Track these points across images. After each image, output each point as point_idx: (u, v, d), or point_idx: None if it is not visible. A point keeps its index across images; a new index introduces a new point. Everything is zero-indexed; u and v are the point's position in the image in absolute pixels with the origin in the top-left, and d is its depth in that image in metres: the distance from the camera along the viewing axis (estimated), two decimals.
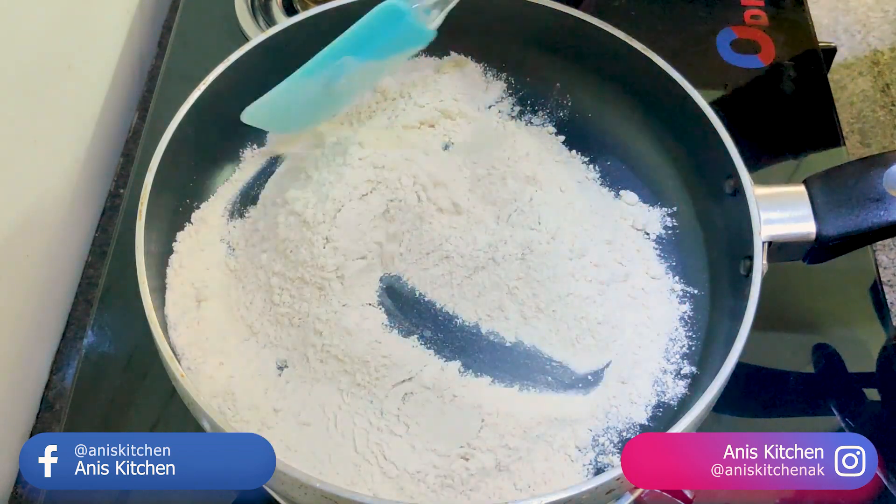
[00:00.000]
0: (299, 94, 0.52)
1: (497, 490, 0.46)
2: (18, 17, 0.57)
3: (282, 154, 0.60)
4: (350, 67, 0.51)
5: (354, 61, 0.51)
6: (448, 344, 0.51)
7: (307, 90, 0.52)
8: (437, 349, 0.51)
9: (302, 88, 0.52)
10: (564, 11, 0.58)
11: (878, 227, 0.48)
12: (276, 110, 0.54)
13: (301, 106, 0.54)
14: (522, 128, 0.61)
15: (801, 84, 0.72)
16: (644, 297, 0.54)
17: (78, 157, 0.66)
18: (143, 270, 0.47)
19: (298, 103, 0.54)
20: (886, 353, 0.58)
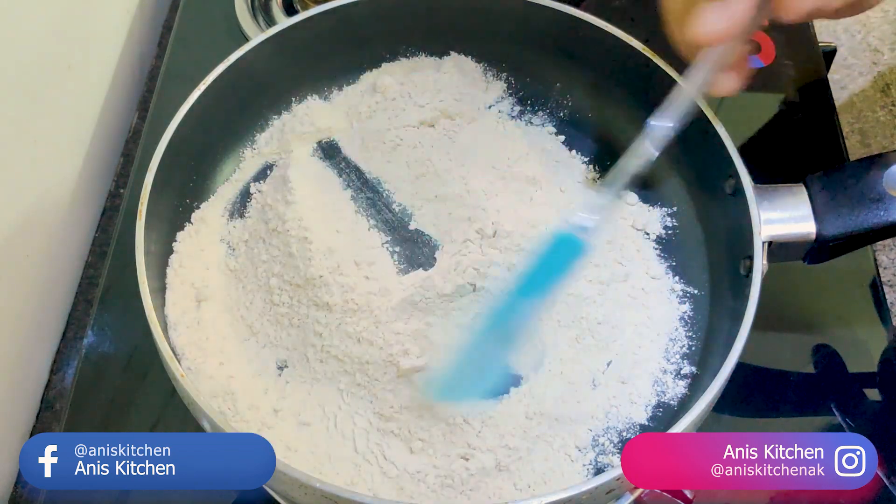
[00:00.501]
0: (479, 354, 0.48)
1: (497, 490, 0.46)
2: (18, 17, 0.57)
3: (280, 157, 0.59)
4: (526, 308, 0.47)
5: (531, 301, 0.47)
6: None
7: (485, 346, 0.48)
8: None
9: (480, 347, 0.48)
10: (564, 11, 0.58)
11: (878, 227, 0.47)
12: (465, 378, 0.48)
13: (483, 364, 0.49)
14: (522, 128, 0.61)
15: (801, 84, 0.72)
16: (644, 297, 0.54)
17: (78, 157, 0.66)
18: (143, 270, 0.47)
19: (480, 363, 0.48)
20: (888, 353, 0.58)
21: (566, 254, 0.47)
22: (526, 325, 0.48)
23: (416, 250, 0.55)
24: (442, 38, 0.62)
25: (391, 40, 0.62)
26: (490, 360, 0.48)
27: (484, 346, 0.47)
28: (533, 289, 0.47)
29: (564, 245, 0.47)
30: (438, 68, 0.62)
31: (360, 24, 0.60)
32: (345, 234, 0.54)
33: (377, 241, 0.55)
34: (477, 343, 0.47)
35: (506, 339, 0.48)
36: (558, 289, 0.48)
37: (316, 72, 0.61)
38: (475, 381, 0.48)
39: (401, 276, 0.53)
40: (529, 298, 0.47)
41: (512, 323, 0.47)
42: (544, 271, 0.47)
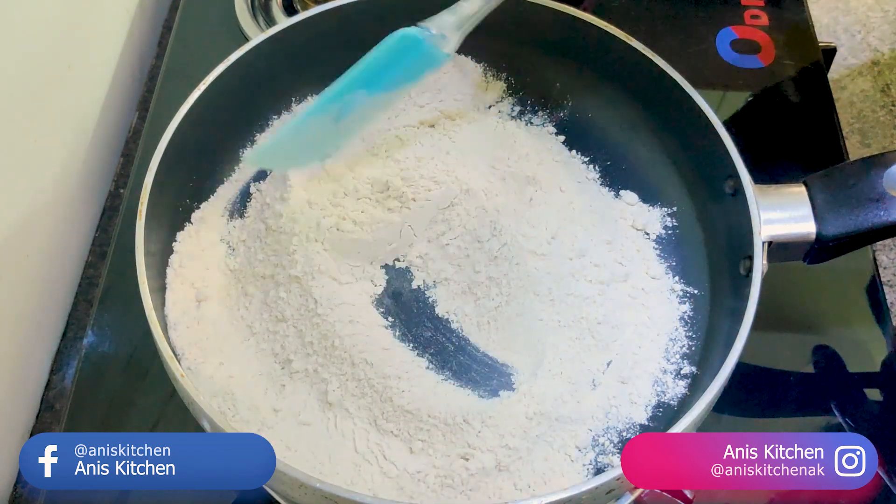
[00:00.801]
0: (307, 133, 0.51)
1: (497, 490, 0.46)
2: (18, 17, 0.57)
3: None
4: (361, 102, 0.49)
5: (365, 95, 0.49)
6: (447, 343, 0.51)
7: (315, 127, 0.50)
8: (436, 350, 0.51)
9: (310, 126, 0.50)
10: (564, 11, 0.58)
11: (877, 227, 0.47)
12: (281, 149, 0.52)
13: (307, 143, 0.52)
14: (522, 128, 0.61)
15: (801, 84, 0.72)
16: (644, 297, 0.54)
17: (78, 157, 0.66)
18: (143, 270, 0.47)
19: (305, 141, 0.51)
20: (890, 354, 0.58)
21: (408, 52, 0.48)
22: (359, 120, 0.50)
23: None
24: None
25: None
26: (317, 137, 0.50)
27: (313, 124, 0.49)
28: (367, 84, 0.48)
29: (405, 43, 0.48)
30: (438, 68, 0.62)
31: (360, 24, 0.60)
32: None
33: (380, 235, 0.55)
34: (307, 119, 0.49)
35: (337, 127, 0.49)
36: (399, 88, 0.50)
37: (316, 72, 0.61)
38: (300, 151, 0.51)
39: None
40: (368, 92, 0.48)
41: (345, 112, 0.49)
42: (386, 67, 0.48)
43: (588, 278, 0.53)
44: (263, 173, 0.59)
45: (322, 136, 0.51)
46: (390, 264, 0.54)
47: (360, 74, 0.49)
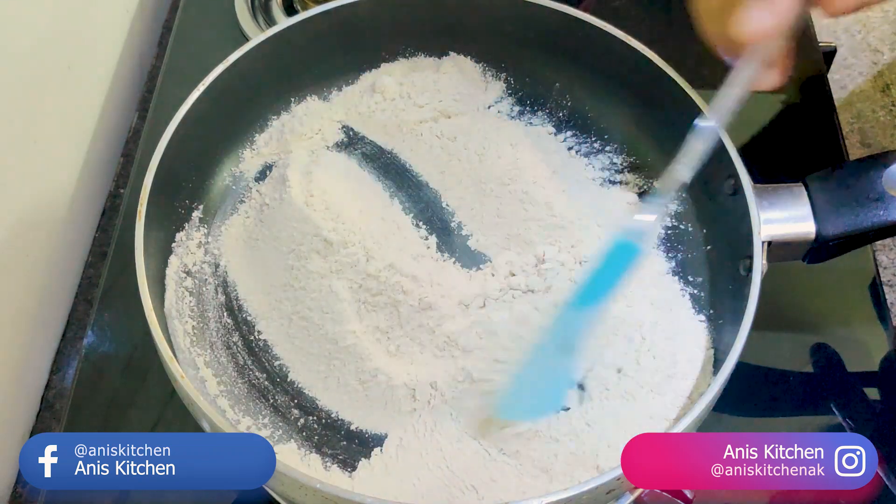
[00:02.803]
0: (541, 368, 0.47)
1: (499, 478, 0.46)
2: (18, 18, 0.57)
3: (279, 157, 0.59)
4: (586, 317, 0.47)
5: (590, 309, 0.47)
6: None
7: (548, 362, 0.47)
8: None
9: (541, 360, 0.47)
10: (564, 11, 0.57)
11: (877, 227, 0.47)
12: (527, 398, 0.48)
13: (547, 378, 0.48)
14: (522, 128, 0.61)
15: (802, 84, 0.72)
16: (643, 296, 0.54)
17: (78, 157, 0.66)
18: (142, 270, 0.47)
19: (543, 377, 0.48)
20: (890, 354, 0.58)
21: (622, 260, 0.46)
22: (585, 334, 0.47)
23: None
24: (441, 38, 0.62)
25: (390, 40, 0.62)
26: (553, 373, 0.48)
27: (546, 359, 0.47)
28: (591, 297, 0.46)
29: (622, 252, 0.46)
30: (438, 68, 0.62)
31: (359, 24, 0.60)
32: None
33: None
34: (540, 357, 0.47)
35: (567, 350, 0.47)
36: (612, 295, 0.47)
37: (315, 72, 0.61)
38: (541, 396, 0.48)
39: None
40: (588, 307, 0.46)
41: (572, 333, 0.47)
42: (602, 279, 0.47)
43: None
44: (263, 173, 0.59)
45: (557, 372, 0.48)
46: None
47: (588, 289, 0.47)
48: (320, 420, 0.49)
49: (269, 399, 0.50)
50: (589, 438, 0.47)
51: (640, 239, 0.46)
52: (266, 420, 0.49)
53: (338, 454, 0.48)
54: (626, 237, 0.46)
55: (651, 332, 0.52)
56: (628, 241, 0.46)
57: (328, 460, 0.48)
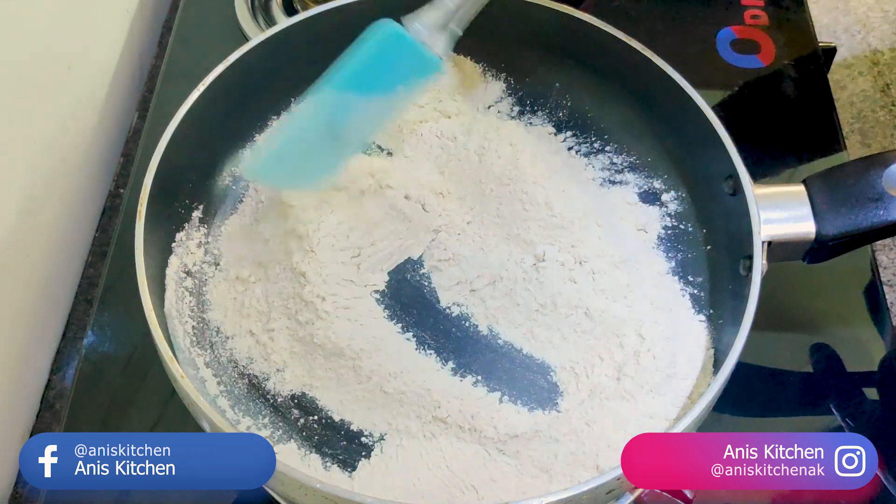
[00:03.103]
0: (303, 142, 0.48)
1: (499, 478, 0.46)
2: (19, 17, 0.57)
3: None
4: (354, 106, 0.46)
5: (357, 98, 0.46)
6: (453, 349, 0.52)
7: (311, 136, 0.47)
8: (443, 354, 0.52)
9: (304, 134, 0.47)
10: (564, 11, 0.57)
11: (877, 227, 0.48)
12: (283, 163, 0.49)
13: (308, 156, 0.49)
14: (522, 128, 0.61)
15: (801, 84, 0.72)
16: (643, 295, 0.54)
17: (78, 157, 0.66)
18: (142, 270, 0.47)
19: (304, 153, 0.48)
20: (889, 354, 0.58)
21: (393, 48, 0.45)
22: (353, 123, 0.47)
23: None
24: None
25: None
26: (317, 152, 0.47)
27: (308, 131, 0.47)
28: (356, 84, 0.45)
29: (392, 41, 0.45)
30: None
31: (359, 24, 0.59)
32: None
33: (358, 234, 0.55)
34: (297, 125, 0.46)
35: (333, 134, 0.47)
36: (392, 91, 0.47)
37: (316, 72, 0.61)
38: (299, 168, 0.48)
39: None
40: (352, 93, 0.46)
41: (337, 115, 0.46)
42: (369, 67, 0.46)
43: (588, 278, 0.53)
44: None
45: (322, 149, 0.48)
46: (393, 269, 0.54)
47: (345, 72, 0.46)
48: (320, 420, 0.49)
49: (269, 399, 0.50)
50: (589, 438, 0.47)
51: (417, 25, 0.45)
52: (266, 420, 0.49)
53: (338, 454, 0.48)
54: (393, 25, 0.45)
55: (651, 332, 0.52)
56: (393, 27, 0.45)
57: (328, 460, 0.48)
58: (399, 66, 0.47)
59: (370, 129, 0.51)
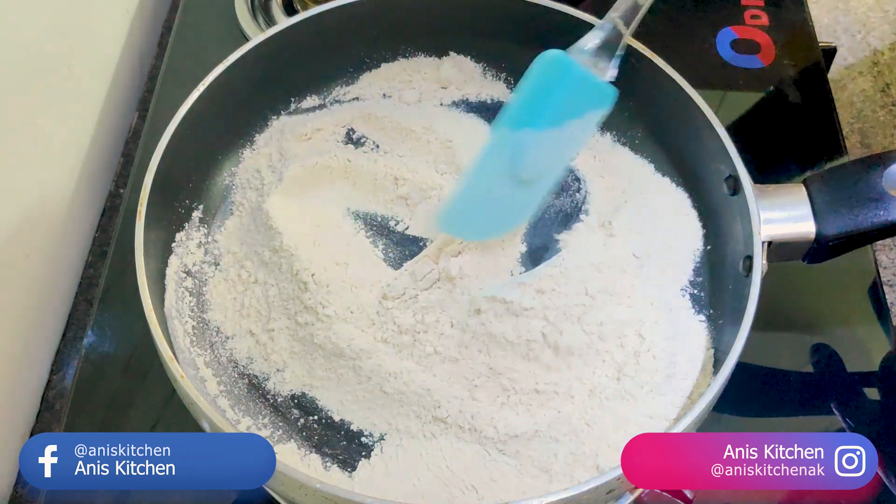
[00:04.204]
0: (489, 188, 0.46)
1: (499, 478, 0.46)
2: (18, 18, 0.57)
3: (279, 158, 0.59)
4: (531, 143, 0.45)
5: (533, 134, 0.45)
6: None
7: (495, 181, 0.46)
8: None
9: (489, 180, 0.45)
10: (564, 11, 0.57)
11: (877, 227, 0.48)
12: (473, 213, 0.47)
13: (497, 202, 0.47)
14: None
15: (801, 84, 0.72)
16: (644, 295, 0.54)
17: (78, 157, 0.66)
18: (142, 270, 0.47)
19: (492, 199, 0.47)
20: (890, 354, 0.58)
21: (560, 79, 0.44)
22: (534, 162, 0.45)
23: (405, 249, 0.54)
24: (441, 38, 0.62)
25: (390, 41, 0.62)
26: (501, 199, 0.46)
27: (493, 182, 0.45)
28: (526, 118, 0.44)
29: (555, 67, 0.44)
30: (438, 68, 0.62)
31: (359, 24, 0.60)
32: (326, 231, 0.54)
33: (362, 240, 0.55)
34: (482, 172, 0.45)
35: (516, 179, 0.45)
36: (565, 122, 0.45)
37: (315, 72, 0.61)
38: (485, 219, 0.46)
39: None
40: (525, 129, 0.44)
41: (517, 158, 0.45)
42: (540, 99, 0.44)
43: (589, 278, 0.53)
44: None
45: (510, 197, 0.46)
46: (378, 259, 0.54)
47: (516, 107, 0.45)
48: (320, 420, 0.49)
49: (269, 399, 0.50)
50: (589, 438, 0.47)
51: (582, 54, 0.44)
52: (266, 420, 0.49)
53: (338, 454, 0.48)
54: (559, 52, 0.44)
55: (651, 332, 0.52)
56: (559, 54, 0.44)
57: (328, 460, 0.48)
58: (572, 97, 0.46)
59: (553, 169, 0.48)
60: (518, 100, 0.45)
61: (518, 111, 0.45)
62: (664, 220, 0.56)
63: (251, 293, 0.53)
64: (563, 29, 0.58)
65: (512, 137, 0.45)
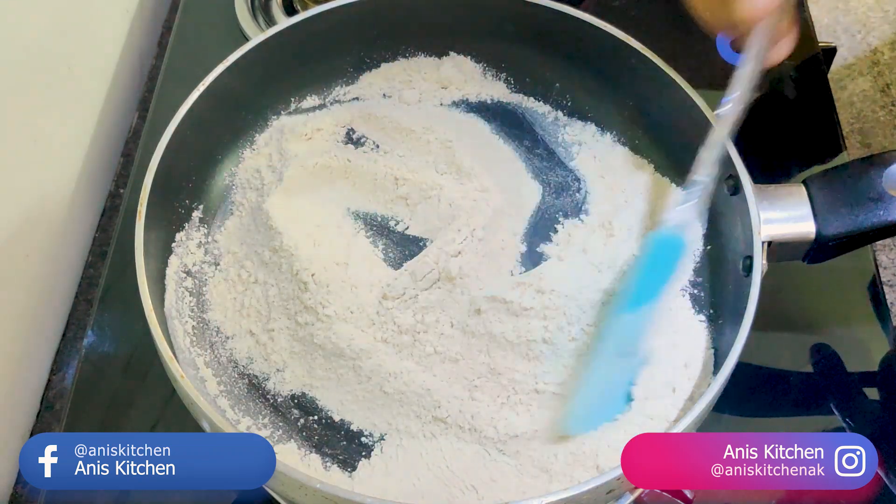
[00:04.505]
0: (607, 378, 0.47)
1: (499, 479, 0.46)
2: (18, 18, 0.57)
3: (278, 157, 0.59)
4: (632, 321, 0.46)
5: (632, 314, 0.46)
6: None
7: (608, 367, 0.47)
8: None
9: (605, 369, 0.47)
10: (564, 11, 0.57)
11: (877, 227, 0.48)
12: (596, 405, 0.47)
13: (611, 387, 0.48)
14: None
15: (802, 84, 0.72)
16: None
17: (78, 157, 0.66)
18: (142, 270, 0.47)
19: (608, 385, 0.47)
20: (890, 354, 0.58)
21: (668, 255, 0.47)
22: (643, 335, 0.47)
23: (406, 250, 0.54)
24: (441, 38, 0.62)
25: (390, 41, 0.62)
26: (615, 379, 0.47)
27: (608, 366, 0.47)
28: (641, 298, 0.46)
29: (665, 246, 0.47)
30: (438, 68, 0.62)
31: (359, 24, 0.60)
32: (326, 231, 0.54)
33: (362, 240, 0.55)
34: (602, 367, 0.47)
35: (626, 354, 0.47)
36: (667, 292, 0.47)
37: (315, 72, 0.61)
38: (606, 403, 0.47)
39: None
40: (640, 308, 0.46)
41: (630, 337, 0.47)
42: (649, 277, 0.47)
43: (589, 276, 0.53)
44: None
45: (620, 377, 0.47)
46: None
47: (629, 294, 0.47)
48: (320, 420, 0.49)
49: (269, 399, 0.50)
50: (589, 438, 0.47)
51: (682, 231, 0.47)
52: (266, 420, 0.49)
53: (338, 454, 0.48)
54: (667, 232, 0.46)
55: (651, 333, 0.52)
56: (671, 234, 0.46)
57: (328, 460, 0.48)
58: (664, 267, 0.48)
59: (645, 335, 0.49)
60: (637, 281, 0.47)
61: (630, 297, 0.47)
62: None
63: (251, 293, 0.53)
64: (563, 29, 0.58)
65: (624, 318, 0.47)
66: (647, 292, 0.47)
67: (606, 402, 0.48)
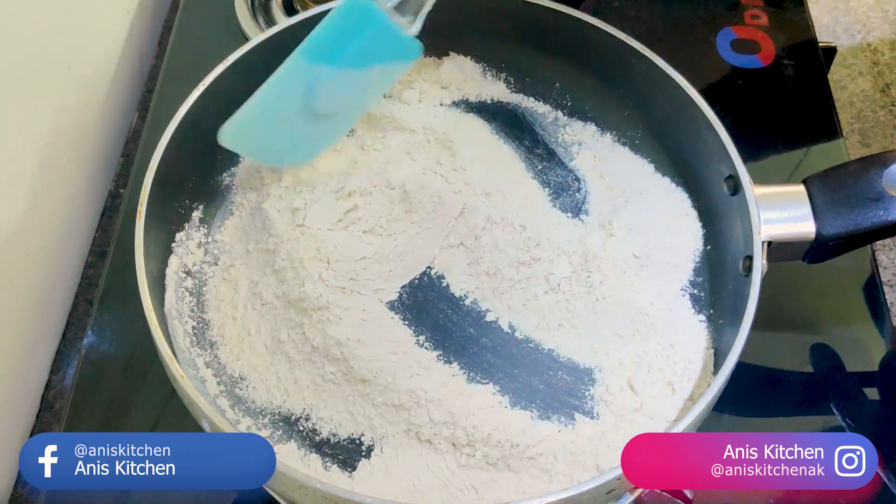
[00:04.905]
0: (279, 112, 0.47)
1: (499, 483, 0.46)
2: (18, 18, 0.57)
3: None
4: (328, 78, 0.46)
5: (330, 70, 0.46)
6: (455, 350, 0.52)
7: (286, 107, 0.47)
8: (445, 355, 0.52)
9: (280, 104, 0.47)
10: (564, 11, 0.58)
11: (877, 227, 0.48)
12: (259, 133, 0.48)
13: (285, 130, 0.49)
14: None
15: (802, 84, 0.72)
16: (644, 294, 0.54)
17: (78, 158, 0.66)
18: (142, 270, 0.47)
19: (281, 125, 0.48)
20: (889, 354, 0.58)
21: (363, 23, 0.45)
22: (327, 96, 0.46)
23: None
24: (441, 38, 0.62)
25: None
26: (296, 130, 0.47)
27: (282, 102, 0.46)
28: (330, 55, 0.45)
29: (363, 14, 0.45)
30: (438, 68, 0.62)
31: None
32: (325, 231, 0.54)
33: (362, 240, 0.55)
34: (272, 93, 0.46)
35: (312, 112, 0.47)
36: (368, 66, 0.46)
37: None
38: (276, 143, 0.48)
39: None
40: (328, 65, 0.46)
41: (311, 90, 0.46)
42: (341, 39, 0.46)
43: (591, 276, 0.53)
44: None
45: (301, 129, 0.48)
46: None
47: (315, 42, 0.46)
48: (320, 420, 0.49)
49: None
50: (589, 438, 0.47)
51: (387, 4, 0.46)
52: (266, 420, 0.49)
53: (338, 454, 0.48)
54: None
55: (651, 333, 0.52)
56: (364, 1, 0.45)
57: (328, 460, 0.48)
58: (375, 44, 0.47)
59: (349, 109, 0.50)
60: (319, 35, 0.46)
61: (318, 46, 0.47)
62: (664, 220, 0.56)
63: (251, 293, 0.53)
64: (563, 29, 0.58)
65: (309, 70, 0.47)
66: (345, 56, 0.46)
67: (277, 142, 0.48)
